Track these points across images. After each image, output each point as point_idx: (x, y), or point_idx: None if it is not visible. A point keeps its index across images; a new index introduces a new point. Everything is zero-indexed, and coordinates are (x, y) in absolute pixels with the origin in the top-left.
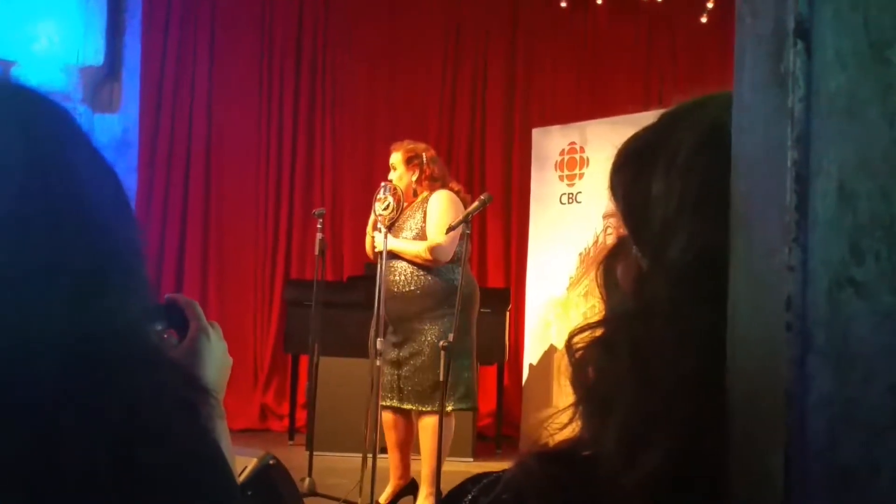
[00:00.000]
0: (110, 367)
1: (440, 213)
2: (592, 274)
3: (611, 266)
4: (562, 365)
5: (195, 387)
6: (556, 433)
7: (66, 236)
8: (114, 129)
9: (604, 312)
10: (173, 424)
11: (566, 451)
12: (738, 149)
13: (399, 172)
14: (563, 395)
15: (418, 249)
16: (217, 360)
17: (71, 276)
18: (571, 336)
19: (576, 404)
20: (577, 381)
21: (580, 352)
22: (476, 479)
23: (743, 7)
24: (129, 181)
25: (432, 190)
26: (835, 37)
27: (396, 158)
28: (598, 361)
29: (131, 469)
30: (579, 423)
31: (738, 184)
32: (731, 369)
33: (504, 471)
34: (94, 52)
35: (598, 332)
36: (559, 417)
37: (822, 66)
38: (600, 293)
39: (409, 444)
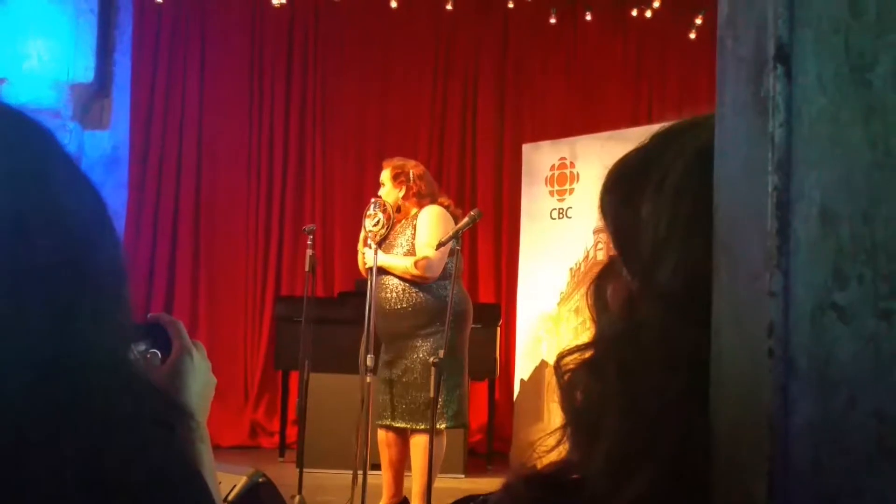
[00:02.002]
0: (81, 389)
1: (429, 228)
2: (583, 291)
3: (601, 287)
4: (552, 382)
5: (174, 409)
6: (544, 455)
7: (40, 257)
8: (104, 145)
9: (593, 334)
10: (147, 447)
11: (554, 475)
12: (720, 172)
13: (387, 188)
14: (555, 410)
15: (406, 265)
16: (200, 380)
17: (43, 298)
18: (560, 358)
19: (564, 427)
20: (566, 404)
21: (569, 374)
22: (465, 501)
23: (724, 30)
24: (120, 197)
25: (421, 206)
26: (815, 60)
27: (385, 175)
28: (587, 384)
29: (102, 489)
30: (567, 445)
31: (720, 208)
32: (715, 396)
33: (490, 494)
34: (84, 70)
35: (587, 354)
36: (547, 440)
37: (802, 89)
38: (590, 314)
39: (403, 463)
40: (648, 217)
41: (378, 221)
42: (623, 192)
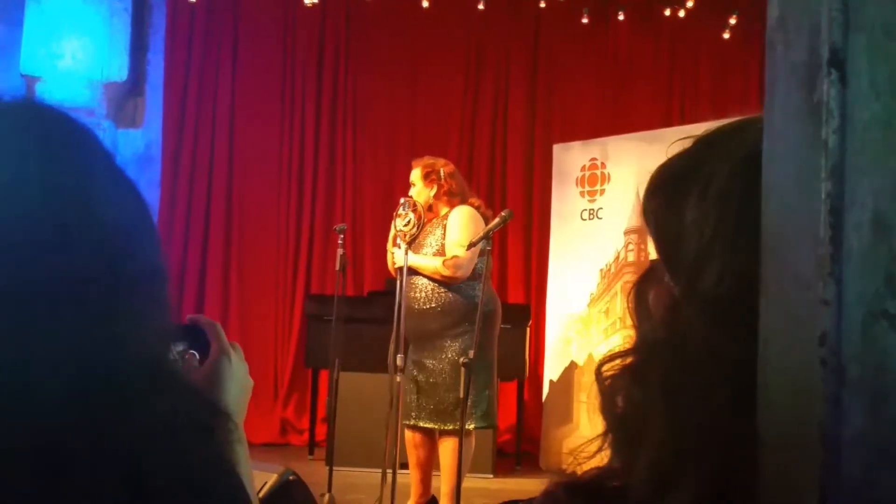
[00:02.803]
0: (121, 392)
1: (459, 228)
2: (613, 292)
3: (642, 292)
4: (582, 381)
5: (212, 411)
6: (584, 462)
7: (79, 261)
8: (137, 144)
9: (634, 340)
10: (186, 449)
11: (594, 482)
12: (769, 178)
13: (417, 188)
14: (584, 411)
15: (436, 265)
16: (238, 382)
17: (82, 302)
18: (601, 364)
19: (605, 433)
20: (607, 411)
21: (610, 380)
22: None
23: (774, 35)
24: (152, 196)
25: (451, 205)
26: (869, 65)
27: (415, 174)
28: (628, 391)
29: (142, 494)
30: (608, 452)
31: (769, 215)
32: (762, 405)
33: (530, 500)
34: (118, 69)
35: (629, 360)
36: (588, 446)
37: (856, 95)
38: (631, 320)
39: (430, 463)
40: (693, 223)
41: (409, 221)
42: (666, 198)
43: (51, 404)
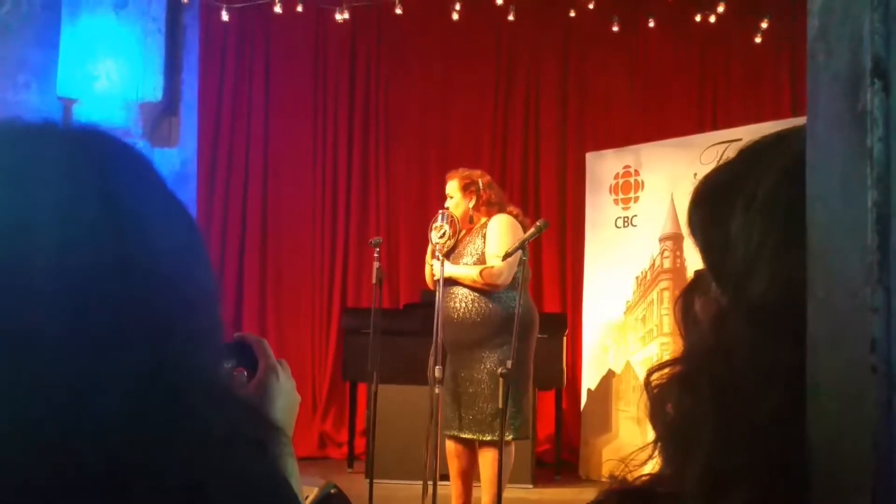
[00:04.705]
0: (180, 407)
1: (499, 236)
2: (650, 298)
3: (689, 301)
4: (620, 389)
5: (265, 425)
6: (635, 469)
7: (139, 282)
8: (172, 162)
9: (682, 349)
10: (244, 463)
11: (646, 489)
12: (812, 188)
13: (456, 200)
14: (623, 419)
15: (474, 274)
16: (286, 397)
17: (142, 322)
18: (650, 373)
19: (655, 441)
20: (656, 419)
21: (658, 388)
22: None
23: (815, 45)
24: None
25: (490, 215)
26: None
27: (452, 186)
28: (678, 399)
29: None
30: (659, 459)
31: (814, 223)
32: (812, 412)
33: None
34: (152, 89)
35: (677, 368)
36: (639, 454)
37: None
38: (678, 329)
39: (471, 473)
40: (739, 233)
41: (444, 233)
42: (712, 207)
43: (112, 421)
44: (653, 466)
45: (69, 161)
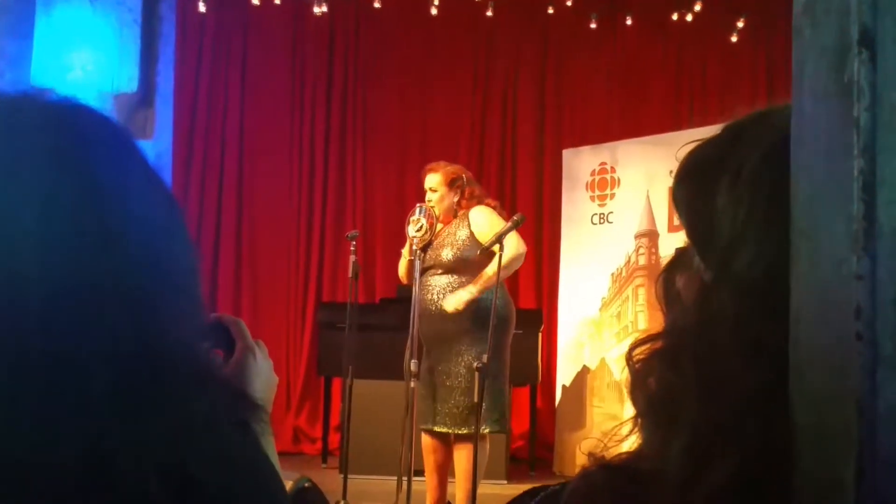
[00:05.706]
0: (162, 386)
1: (489, 219)
2: (625, 294)
3: (671, 278)
4: (594, 385)
5: (246, 404)
6: (615, 445)
7: (122, 258)
8: (147, 154)
9: (664, 325)
10: (227, 442)
11: (629, 464)
12: (797, 159)
13: (440, 194)
14: (597, 416)
15: (493, 268)
16: (264, 378)
17: (122, 296)
18: (632, 348)
19: (636, 416)
20: (638, 394)
21: (640, 364)
22: (533, 493)
23: (801, 19)
24: None
25: (469, 207)
26: None
27: (436, 181)
28: (661, 374)
29: (186, 488)
30: (640, 435)
31: (799, 194)
32: (795, 381)
33: (566, 482)
34: (128, 80)
35: (659, 344)
36: (620, 430)
37: (885, 74)
38: (660, 305)
39: (446, 468)
40: (724, 208)
41: (421, 227)
42: (696, 183)
43: (96, 399)
44: (631, 444)
45: (48, 134)
